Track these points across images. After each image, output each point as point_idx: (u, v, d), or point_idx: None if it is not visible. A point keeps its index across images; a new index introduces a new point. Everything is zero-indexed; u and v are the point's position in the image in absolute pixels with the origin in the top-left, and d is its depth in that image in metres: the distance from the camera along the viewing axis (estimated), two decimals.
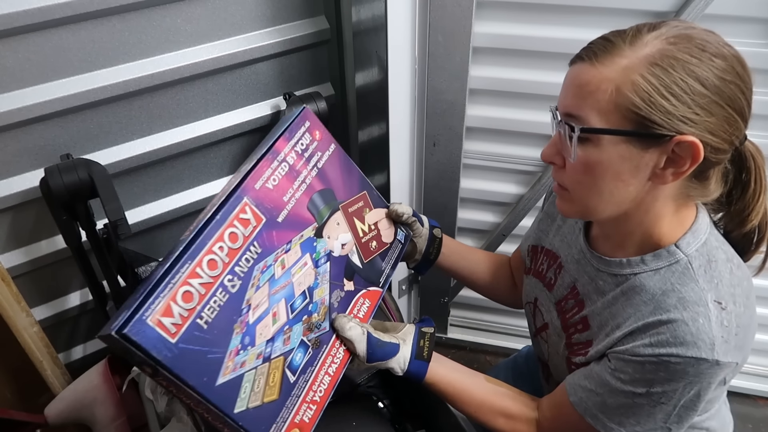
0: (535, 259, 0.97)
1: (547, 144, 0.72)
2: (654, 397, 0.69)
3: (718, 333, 0.66)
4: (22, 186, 1.13)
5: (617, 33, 0.67)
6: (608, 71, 0.64)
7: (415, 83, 1.31)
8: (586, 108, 0.66)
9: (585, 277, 0.82)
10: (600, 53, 0.65)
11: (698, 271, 0.70)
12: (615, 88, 0.63)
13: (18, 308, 1.18)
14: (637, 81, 0.63)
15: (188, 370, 0.62)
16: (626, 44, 0.64)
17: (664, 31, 0.64)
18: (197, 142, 1.28)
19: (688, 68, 0.63)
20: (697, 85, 0.62)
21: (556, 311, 0.88)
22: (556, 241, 0.92)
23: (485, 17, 1.24)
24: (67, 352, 1.43)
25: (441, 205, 1.53)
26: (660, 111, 0.63)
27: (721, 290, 0.69)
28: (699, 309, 0.67)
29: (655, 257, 0.73)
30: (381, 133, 1.37)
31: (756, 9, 1.11)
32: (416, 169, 1.48)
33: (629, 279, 0.74)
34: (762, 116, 1.23)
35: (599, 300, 0.79)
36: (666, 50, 0.63)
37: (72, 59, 1.08)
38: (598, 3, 1.17)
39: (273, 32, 1.26)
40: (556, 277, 0.89)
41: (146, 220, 1.32)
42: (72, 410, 1.28)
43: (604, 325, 0.77)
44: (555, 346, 0.89)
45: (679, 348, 0.66)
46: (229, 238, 0.68)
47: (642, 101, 0.63)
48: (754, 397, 1.73)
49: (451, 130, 1.38)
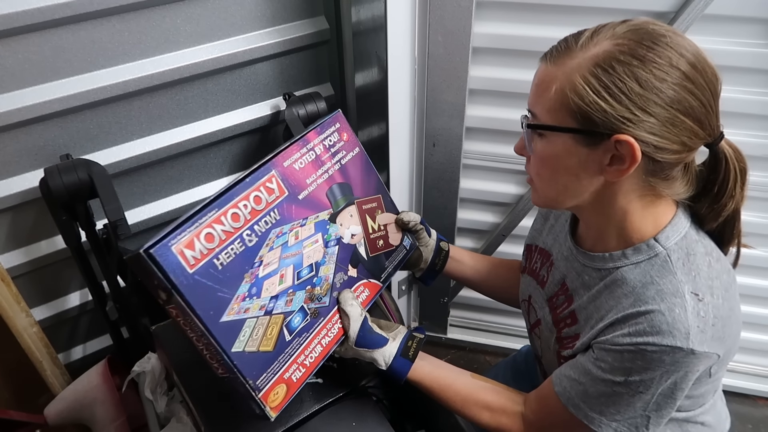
0: (529, 258, 0.99)
1: (519, 138, 0.77)
2: (632, 386, 0.71)
3: (694, 323, 0.68)
4: (21, 186, 1.13)
5: (575, 35, 0.70)
6: (557, 71, 0.68)
7: (414, 83, 1.31)
8: (538, 105, 0.71)
9: (573, 272, 0.85)
10: (555, 54, 0.69)
11: (676, 264, 0.72)
12: (559, 87, 0.67)
13: (18, 308, 1.18)
14: (577, 81, 0.66)
15: (199, 301, 0.69)
16: (578, 45, 0.68)
17: (617, 31, 0.67)
18: (197, 142, 1.28)
19: (628, 69, 0.64)
20: (635, 86, 0.64)
21: (548, 307, 0.91)
22: (549, 240, 0.94)
23: (485, 17, 1.24)
24: (67, 353, 1.43)
25: (440, 205, 1.53)
26: (598, 110, 0.65)
27: (698, 282, 0.71)
28: (675, 300, 0.69)
29: (635, 251, 0.75)
30: (381, 133, 1.37)
31: (756, 9, 1.11)
32: (416, 169, 1.48)
33: (612, 273, 0.77)
34: (762, 116, 1.23)
35: (585, 294, 0.81)
36: (610, 51, 0.65)
37: (72, 59, 1.08)
38: (598, 3, 1.17)
39: (273, 32, 1.26)
40: (547, 274, 0.92)
41: (146, 220, 1.32)
42: (72, 410, 1.28)
43: (589, 318, 0.80)
44: (546, 341, 0.91)
45: (655, 337, 0.68)
46: (253, 200, 0.79)
47: (581, 100, 0.66)
48: (754, 397, 1.73)
49: (451, 131, 1.38)
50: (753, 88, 1.20)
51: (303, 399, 0.96)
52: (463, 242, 1.66)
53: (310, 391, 0.97)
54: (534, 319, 0.96)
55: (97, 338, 1.47)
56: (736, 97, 1.21)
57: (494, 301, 1.47)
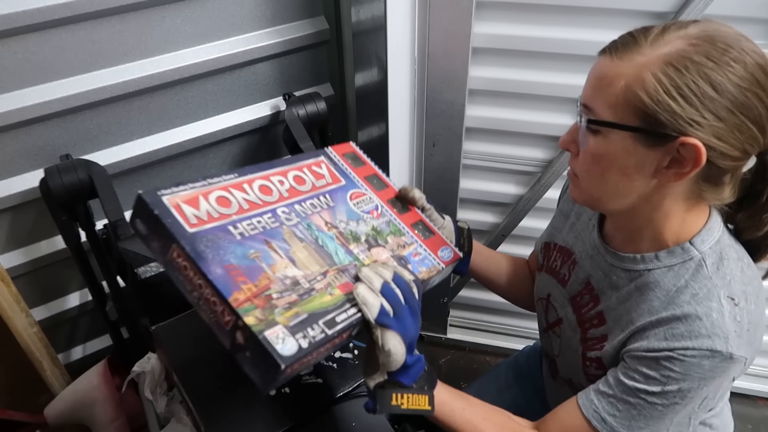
0: (548, 256, 0.97)
1: (566, 132, 0.74)
2: (668, 397, 0.69)
3: (732, 327, 0.67)
4: (21, 186, 1.13)
5: (643, 30, 0.67)
6: (624, 67, 0.65)
7: (414, 84, 1.31)
8: (598, 100, 0.67)
9: (599, 272, 0.83)
10: (621, 48, 0.66)
11: (711, 269, 0.71)
12: (626, 83, 0.64)
13: (17, 309, 1.18)
14: (648, 79, 0.63)
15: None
16: (647, 42, 0.65)
17: (689, 31, 0.64)
18: (197, 142, 1.28)
19: (702, 71, 0.62)
20: (708, 89, 0.62)
21: (571, 306, 0.89)
22: (570, 238, 0.92)
23: (485, 18, 1.24)
24: (67, 353, 1.43)
25: (440, 205, 1.52)
26: (666, 111, 0.63)
27: (733, 287, 0.69)
28: (712, 304, 0.68)
29: (669, 254, 0.73)
30: (380, 134, 1.37)
31: (756, 9, 1.11)
32: (416, 169, 1.48)
33: (643, 275, 0.75)
34: None
35: (614, 295, 0.79)
36: (684, 51, 0.63)
37: (71, 60, 1.08)
38: (597, 3, 1.17)
39: (273, 33, 1.26)
40: (570, 273, 0.90)
41: None
42: (71, 410, 1.28)
43: (619, 320, 0.78)
44: (568, 340, 0.89)
45: (695, 341, 0.66)
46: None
47: (650, 99, 0.63)
48: (754, 398, 1.73)
49: (451, 131, 1.38)
50: None
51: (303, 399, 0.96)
52: None
53: (310, 391, 0.97)
54: (554, 318, 0.94)
55: (96, 338, 1.47)
56: None
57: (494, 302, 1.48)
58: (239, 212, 0.67)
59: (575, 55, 1.23)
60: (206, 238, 0.63)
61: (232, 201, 0.68)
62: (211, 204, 0.66)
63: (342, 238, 0.76)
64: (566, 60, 1.25)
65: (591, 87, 0.68)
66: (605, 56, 0.67)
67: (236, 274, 0.62)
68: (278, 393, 0.97)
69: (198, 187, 0.66)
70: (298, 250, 0.70)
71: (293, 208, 0.72)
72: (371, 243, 0.79)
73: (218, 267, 0.62)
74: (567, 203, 0.95)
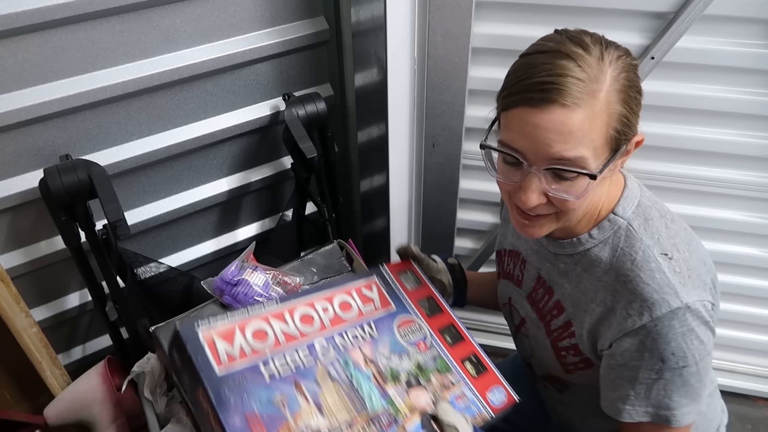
0: (501, 263, 1.01)
1: (524, 193, 0.71)
2: (672, 363, 0.73)
3: (675, 280, 0.72)
4: (21, 187, 1.13)
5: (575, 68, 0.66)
6: (593, 110, 0.66)
7: (414, 84, 1.31)
8: (584, 148, 0.67)
9: (547, 264, 0.87)
10: (576, 93, 0.65)
11: (639, 230, 0.76)
12: (604, 122, 0.67)
13: (17, 309, 1.17)
14: (619, 111, 0.68)
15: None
16: (593, 79, 0.66)
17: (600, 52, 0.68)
18: (196, 142, 1.28)
19: (635, 84, 0.70)
20: (639, 96, 0.70)
21: (528, 304, 0.92)
22: (514, 240, 0.96)
23: (485, 18, 1.24)
24: (67, 353, 1.43)
25: (440, 205, 1.53)
26: (631, 126, 0.70)
27: (663, 243, 0.75)
28: (651, 265, 0.73)
29: (599, 229, 0.79)
30: (380, 134, 1.37)
31: (756, 9, 1.11)
32: (416, 169, 1.48)
33: (585, 255, 0.80)
34: (763, 116, 1.23)
35: (566, 282, 0.84)
36: (618, 73, 0.68)
37: (71, 60, 1.08)
38: (597, 3, 1.17)
39: (272, 33, 1.26)
40: (522, 273, 0.94)
41: (145, 220, 1.32)
42: (71, 411, 1.28)
43: (577, 303, 0.82)
44: (536, 338, 0.93)
45: (653, 310, 0.71)
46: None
47: (621, 127, 0.69)
48: (753, 398, 1.73)
49: (451, 131, 1.38)
50: (753, 88, 1.20)
51: None
52: (462, 242, 1.66)
53: None
54: (518, 319, 0.98)
55: (96, 339, 1.47)
56: (736, 97, 1.21)
57: None
58: (275, 347, 0.65)
59: None
60: (233, 380, 0.62)
61: (269, 334, 0.65)
62: (246, 338, 0.64)
63: (380, 377, 0.72)
64: None
65: (562, 142, 0.66)
66: (552, 109, 0.65)
67: (255, 423, 0.60)
68: None
69: (237, 317, 0.64)
70: (328, 393, 0.66)
71: (333, 341, 0.68)
72: (411, 383, 0.74)
73: (238, 416, 0.60)
74: (506, 211, 0.97)
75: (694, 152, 1.30)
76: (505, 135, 0.72)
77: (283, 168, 1.45)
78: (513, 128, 0.70)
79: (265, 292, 1.07)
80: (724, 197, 1.36)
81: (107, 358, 1.34)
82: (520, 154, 0.70)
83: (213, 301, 1.08)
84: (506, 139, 0.71)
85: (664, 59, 1.18)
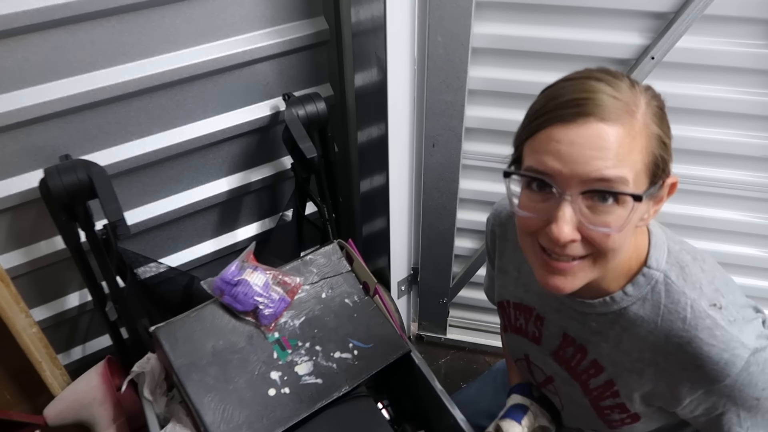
0: (506, 315, 0.94)
1: (557, 224, 0.61)
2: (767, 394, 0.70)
3: (735, 330, 0.67)
4: (21, 187, 1.13)
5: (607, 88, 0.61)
6: (633, 129, 0.60)
7: (414, 84, 1.31)
8: (623, 168, 0.59)
9: (574, 323, 0.80)
10: (613, 108, 0.59)
11: (678, 282, 0.70)
12: (644, 145, 0.61)
13: (17, 309, 1.17)
14: (657, 134, 0.63)
15: None
16: (627, 100, 0.61)
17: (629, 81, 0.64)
18: (196, 142, 1.28)
19: (665, 116, 0.65)
20: (670, 131, 0.66)
21: (555, 363, 0.86)
22: (520, 293, 0.88)
23: (484, 18, 1.24)
24: (66, 353, 1.43)
25: (440, 205, 1.53)
26: (668, 156, 0.65)
27: (706, 292, 0.69)
28: (706, 322, 0.68)
29: (634, 286, 0.71)
30: (380, 134, 1.37)
31: (756, 9, 1.11)
32: (415, 169, 1.48)
33: (621, 314, 0.73)
34: (762, 116, 1.23)
35: (601, 341, 0.77)
36: (649, 100, 0.64)
37: (71, 60, 1.08)
38: (598, 3, 1.17)
39: (272, 33, 1.25)
40: (539, 329, 0.86)
41: (145, 220, 1.32)
42: (71, 411, 1.28)
43: (619, 363, 0.76)
44: (569, 395, 0.87)
45: (729, 369, 0.67)
46: None
47: (661, 150, 0.64)
48: None
49: (451, 131, 1.38)
50: (753, 88, 1.20)
51: (303, 399, 0.96)
52: (463, 242, 1.66)
53: (310, 391, 0.97)
54: (542, 377, 0.91)
55: (96, 339, 1.47)
56: (736, 97, 1.21)
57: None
58: None
59: (575, 55, 1.23)
60: None
61: None
62: None
63: None
64: (566, 60, 1.25)
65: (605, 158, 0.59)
66: (597, 121, 0.59)
67: None
68: (278, 393, 0.97)
69: None
70: None
71: None
72: None
73: None
74: (501, 260, 0.91)
75: (694, 152, 1.30)
76: (531, 159, 0.62)
77: (283, 168, 1.45)
78: (542, 149, 0.61)
79: (265, 292, 1.07)
80: (724, 197, 1.36)
81: (107, 358, 1.34)
82: (551, 178, 0.60)
83: (213, 301, 1.08)
84: (534, 163, 0.61)
85: (664, 59, 1.18)
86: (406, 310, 1.82)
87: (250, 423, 0.93)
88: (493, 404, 1.21)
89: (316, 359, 1.02)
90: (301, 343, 1.04)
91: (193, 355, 1.00)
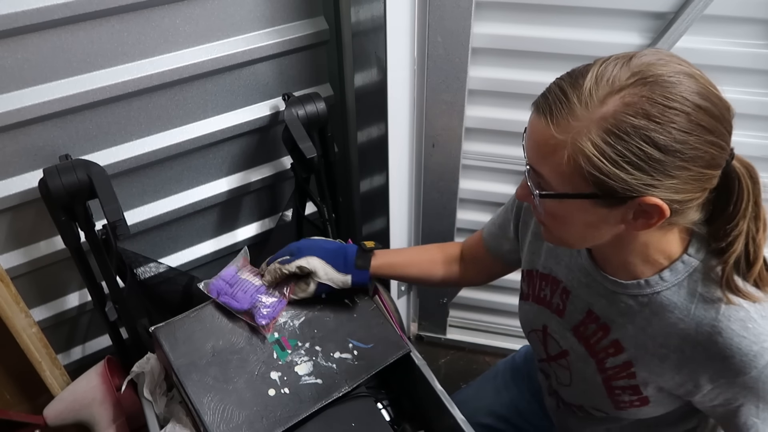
0: (531, 284, 0.94)
1: (520, 184, 0.75)
2: None
3: (767, 324, 0.68)
4: (20, 187, 1.13)
5: (572, 84, 0.63)
6: (563, 136, 0.62)
7: (414, 84, 1.31)
8: (545, 167, 0.66)
9: (602, 300, 0.81)
10: (555, 111, 0.63)
11: (715, 273, 0.71)
12: (568, 155, 0.62)
13: (17, 309, 1.17)
14: (590, 151, 0.60)
15: None
16: (581, 103, 0.61)
17: (620, 80, 0.61)
18: (196, 142, 1.28)
19: (644, 135, 0.59)
20: (655, 153, 0.59)
21: (575, 337, 0.87)
22: (551, 264, 0.89)
23: (484, 18, 1.24)
24: (66, 353, 1.43)
25: (440, 205, 1.53)
26: (616, 179, 0.61)
27: None
28: (740, 314, 0.68)
29: (672, 272, 0.73)
30: (380, 134, 1.37)
31: (756, 9, 1.11)
32: (415, 169, 1.48)
33: (653, 298, 0.74)
34: (762, 116, 1.23)
35: (627, 323, 0.78)
36: (622, 113, 0.59)
37: (71, 60, 1.08)
38: (598, 3, 1.17)
39: (272, 33, 1.25)
40: (563, 302, 0.87)
41: (145, 221, 1.32)
42: (71, 411, 1.28)
43: (642, 346, 0.77)
44: (581, 372, 0.88)
45: (758, 360, 0.68)
46: None
47: (596, 170, 0.61)
48: None
49: (451, 131, 1.38)
50: (753, 88, 1.20)
51: (303, 399, 0.96)
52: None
53: (310, 391, 0.97)
54: (556, 350, 0.92)
55: (96, 339, 1.47)
56: (736, 97, 1.20)
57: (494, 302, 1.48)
58: None
59: (575, 55, 1.23)
60: None
61: None
62: None
63: None
64: (566, 60, 1.24)
65: (533, 150, 0.68)
66: (540, 118, 0.65)
67: None
68: (278, 393, 0.97)
69: None
70: None
71: None
72: None
73: None
74: (538, 225, 0.91)
75: None
76: None
77: (283, 168, 1.45)
78: None
79: (262, 293, 1.07)
80: None
81: (107, 358, 1.34)
82: (524, 149, 0.71)
83: (212, 301, 1.08)
84: None
85: None
86: (406, 310, 1.82)
87: (250, 423, 0.93)
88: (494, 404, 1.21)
89: (316, 359, 1.02)
90: (301, 344, 1.04)
91: (192, 355, 1.00)
